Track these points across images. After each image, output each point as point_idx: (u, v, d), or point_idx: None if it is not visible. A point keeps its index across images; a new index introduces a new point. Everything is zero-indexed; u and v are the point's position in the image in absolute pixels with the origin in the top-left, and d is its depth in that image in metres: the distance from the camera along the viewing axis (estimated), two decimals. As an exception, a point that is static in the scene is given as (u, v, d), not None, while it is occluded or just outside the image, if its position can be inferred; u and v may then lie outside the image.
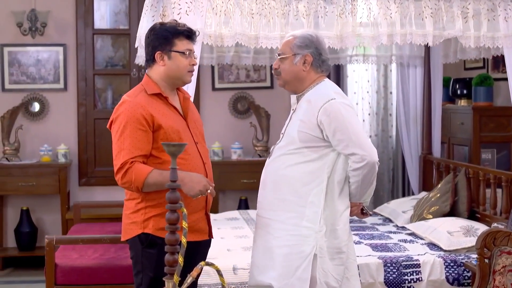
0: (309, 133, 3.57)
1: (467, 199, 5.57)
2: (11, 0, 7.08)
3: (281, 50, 3.69)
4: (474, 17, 4.82)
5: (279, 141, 3.73)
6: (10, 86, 7.19)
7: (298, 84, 3.70)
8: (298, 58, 3.63)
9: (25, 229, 7.02)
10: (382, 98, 7.56)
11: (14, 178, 6.86)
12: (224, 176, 7.11)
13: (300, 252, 3.57)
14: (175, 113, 3.59)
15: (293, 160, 3.60)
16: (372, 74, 7.53)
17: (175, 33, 3.55)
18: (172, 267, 2.66)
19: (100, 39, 7.49)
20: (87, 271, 4.78)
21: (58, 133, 7.22)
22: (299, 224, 3.59)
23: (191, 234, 3.52)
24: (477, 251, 3.68)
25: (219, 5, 4.66)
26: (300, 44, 3.63)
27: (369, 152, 3.55)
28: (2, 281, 6.73)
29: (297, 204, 3.60)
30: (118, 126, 3.48)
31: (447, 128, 6.80)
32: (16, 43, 7.16)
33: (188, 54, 3.56)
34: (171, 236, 2.67)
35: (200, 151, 3.62)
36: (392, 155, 7.60)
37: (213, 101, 7.54)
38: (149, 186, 3.40)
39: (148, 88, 3.56)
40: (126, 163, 3.41)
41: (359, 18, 4.81)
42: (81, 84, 7.31)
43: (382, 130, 7.58)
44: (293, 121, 3.67)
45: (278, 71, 3.71)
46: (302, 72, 3.65)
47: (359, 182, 3.60)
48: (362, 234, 5.48)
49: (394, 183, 7.64)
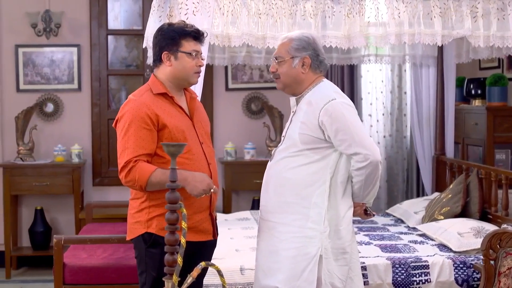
0: (311, 135, 3.57)
1: (478, 200, 5.51)
2: (26, 1, 7.12)
3: (278, 54, 3.68)
4: (484, 16, 4.78)
5: (280, 144, 3.73)
6: (24, 86, 7.24)
7: (297, 86, 3.70)
8: (297, 61, 3.63)
9: (39, 228, 7.06)
10: (396, 98, 7.51)
11: (28, 178, 6.89)
12: (237, 176, 7.12)
13: (306, 253, 3.58)
14: (180, 112, 3.60)
15: (295, 162, 3.61)
16: (386, 74, 7.48)
17: (182, 34, 3.55)
18: (171, 267, 2.67)
19: (114, 39, 7.51)
20: (95, 270, 4.78)
21: (72, 133, 7.25)
22: (304, 226, 3.59)
23: (195, 234, 3.54)
24: (482, 252, 3.67)
25: (226, 5, 4.66)
26: (298, 46, 3.63)
27: (372, 151, 3.53)
28: (16, 280, 6.79)
29: (301, 206, 3.60)
30: (123, 125, 3.51)
31: (461, 128, 6.75)
32: (31, 44, 7.20)
33: (194, 55, 3.57)
34: (170, 236, 2.67)
35: (205, 151, 3.62)
36: (406, 155, 7.55)
37: (226, 101, 7.55)
38: (152, 185, 3.42)
39: (154, 88, 3.58)
40: (130, 162, 3.43)
41: (367, 18, 4.79)
42: (95, 85, 7.34)
43: (396, 130, 7.53)
44: (294, 123, 3.67)
45: (276, 74, 3.70)
46: (301, 74, 3.65)
47: (362, 182, 3.58)
48: (372, 235, 5.45)
49: (409, 183, 7.59)
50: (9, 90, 7.22)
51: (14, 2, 7.12)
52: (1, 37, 7.16)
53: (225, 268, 4.56)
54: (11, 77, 7.21)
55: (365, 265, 4.64)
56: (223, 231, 4.94)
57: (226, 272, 4.55)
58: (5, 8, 7.13)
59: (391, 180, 7.54)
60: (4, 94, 7.20)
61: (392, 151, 7.53)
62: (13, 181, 6.87)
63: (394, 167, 7.54)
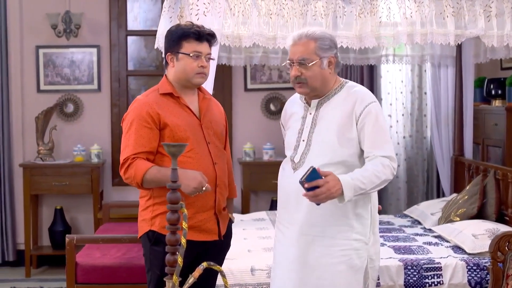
0: (350, 134, 3.42)
1: (495, 201, 5.43)
2: (46, 3, 7.19)
3: (303, 55, 3.42)
4: (498, 16, 4.72)
5: (302, 149, 3.51)
6: (45, 87, 7.31)
7: (323, 89, 3.50)
8: (325, 62, 3.45)
9: (58, 228, 7.11)
10: (416, 99, 7.45)
11: (48, 178, 6.96)
12: (255, 176, 7.12)
13: (353, 266, 3.47)
14: (187, 112, 3.62)
15: (338, 170, 3.37)
16: (406, 75, 7.43)
17: (183, 35, 3.56)
18: (172, 267, 2.67)
19: (133, 40, 7.55)
20: (107, 270, 4.82)
21: (91, 133, 7.31)
22: (349, 238, 3.45)
23: (198, 233, 3.55)
24: (490, 254, 3.62)
25: (237, 5, 4.65)
26: (325, 46, 3.43)
27: None
28: (36, 278, 6.85)
29: (346, 217, 3.44)
30: (126, 123, 3.59)
31: (481, 129, 6.66)
32: (51, 45, 7.27)
33: (195, 56, 3.56)
34: (171, 237, 2.68)
35: (211, 151, 3.62)
36: (426, 156, 7.48)
37: (245, 101, 7.55)
38: (148, 183, 3.46)
39: (161, 88, 3.65)
40: (128, 159, 3.49)
41: (379, 18, 4.75)
42: (115, 85, 7.39)
43: (416, 131, 7.47)
44: (323, 127, 3.48)
45: (302, 78, 3.45)
46: (329, 75, 3.48)
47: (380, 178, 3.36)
48: (387, 236, 5.41)
49: (429, 184, 7.52)
50: (30, 91, 7.29)
51: (35, 4, 7.20)
52: (22, 38, 7.23)
53: (236, 268, 4.57)
54: (32, 78, 7.28)
55: (377, 267, 4.61)
56: (237, 231, 4.94)
57: (237, 272, 4.56)
58: (26, 10, 7.20)
59: (411, 181, 7.48)
60: (25, 94, 7.28)
61: (412, 152, 7.47)
62: (33, 180, 6.93)
63: (414, 168, 7.47)
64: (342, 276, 3.45)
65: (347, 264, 3.45)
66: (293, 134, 3.60)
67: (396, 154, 7.37)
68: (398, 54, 6.76)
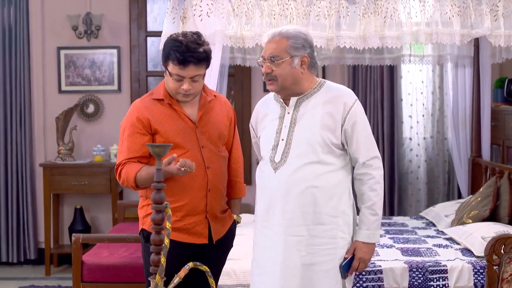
0: (332, 137, 3.41)
1: (509, 203, 5.33)
2: (67, 4, 7.28)
3: (274, 53, 3.40)
4: (505, 15, 4.64)
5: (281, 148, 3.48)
6: (66, 88, 7.39)
7: (296, 87, 3.47)
8: (296, 61, 3.41)
9: (78, 227, 7.18)
10: (437, 99, 7.37)
11: (68, 178, 7.03)
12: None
13: (337, 264, 3.46)
14: (180, 117, 3.61)
15: (321, 169, 3.41)
16: (427, 75, 7.35)
17: (168, 55, 3.48)
18: (156, 267, 2.70)
19: (153, 41, 7.60)
20: (112, 269, 4.86)
21: (111, 134, 7.36)
22: (336, 236, 3.45)
23: (187, 235, 3.59)
24: (486, 257, 3.56)
25: (240, 6, 4.65)
26: (297, 45, 3.40)
27: None
28: (56, 277, 6.93)
29: (331, 216, 3.43)
30: (121, 129, 3.67)
31: (502, 130, 6.56)
32: (72, 46, 7.35)
33: (177, 80, 3.49)
34: (155, 236, 2.70)
35: (204, 155, 3.61)
36: (447, 157, 7.39)
37: (264, 102, 7.52)
38: (141, 183, 3.52)
39: (155, 93, 3.67)
40: (119, 165, 3.57)
41: (383, 18, 4.70)
42: (135, 86, 7.44)
43: (437, 132, 7.39)
44: (305, 126, 3.46)
45: (272, 75, 3.43)
46: (301, 74, 3.44)
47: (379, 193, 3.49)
48: (396, 238, 5.36)
49: (450, 186, 7.43)
50: (51, 91, 7.38)
51: (56, 6, 7.29)
52: (44, 39, 7.33)
53: (240, 269, 4.57)
54: (53, 79, 7.37)
55: (381, 269, 4.57)
56: (245, 232, 4.93)
57: (240, 273, 4.56)
58: (48, 12, 7.30)
59: (431, 183, 7.39)
60: (47, 95, 7.37)
61: (433, 153, 7.38)
62: (53, 180, 7.02)
63: (435, 169, 7.38)
64: (329, 275, 3.43)
65: (334, 263, 3.44)
66: (270, 134, 3.55)
67: (416, 155, 7.31)
68: (416, 54, 6.69)
